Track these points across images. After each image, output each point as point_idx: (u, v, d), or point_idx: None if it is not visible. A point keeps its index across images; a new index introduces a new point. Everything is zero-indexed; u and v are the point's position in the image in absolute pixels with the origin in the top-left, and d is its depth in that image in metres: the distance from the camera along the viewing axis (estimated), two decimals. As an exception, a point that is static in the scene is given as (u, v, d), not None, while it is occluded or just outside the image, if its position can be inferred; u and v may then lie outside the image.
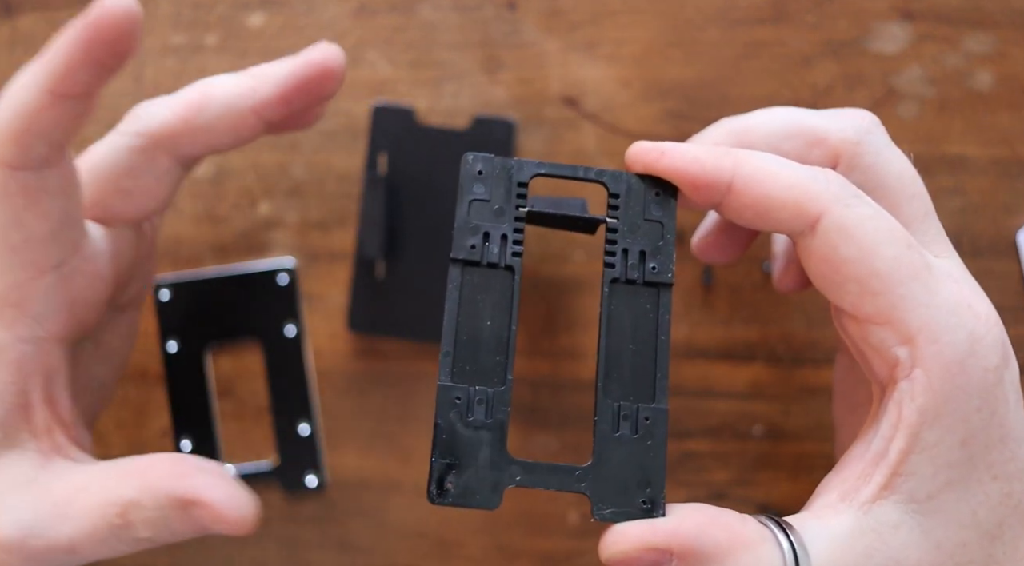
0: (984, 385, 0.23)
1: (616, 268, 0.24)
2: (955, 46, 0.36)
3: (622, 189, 0.25)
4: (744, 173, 0.24)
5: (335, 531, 0.36)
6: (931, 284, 0.23)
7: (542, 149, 0.36)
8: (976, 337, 0.23)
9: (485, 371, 0.23)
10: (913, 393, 0.23)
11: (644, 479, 0.23)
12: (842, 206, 0.23)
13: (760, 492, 0.35)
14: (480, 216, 0.24)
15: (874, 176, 0.26)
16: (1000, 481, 0.23)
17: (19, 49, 0.37)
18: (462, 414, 0.23)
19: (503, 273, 0.24)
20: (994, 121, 0.36)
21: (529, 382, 0.36)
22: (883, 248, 0.23)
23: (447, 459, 0.23)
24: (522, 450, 0.36)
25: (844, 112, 0.27)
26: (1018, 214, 0.35)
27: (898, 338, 0.23)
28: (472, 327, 0.24)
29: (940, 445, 0.23)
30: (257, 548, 0.36)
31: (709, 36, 0.36)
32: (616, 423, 0.23)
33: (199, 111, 0.27)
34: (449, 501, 0.23)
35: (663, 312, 0.24)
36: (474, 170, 0.24)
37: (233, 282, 0.36)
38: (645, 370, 0.24)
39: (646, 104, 0.36)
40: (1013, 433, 0.23)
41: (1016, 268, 0.35)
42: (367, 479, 0.36)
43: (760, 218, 0.24)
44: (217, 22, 0.37)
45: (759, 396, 0.35)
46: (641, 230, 0.24)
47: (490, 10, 0.37)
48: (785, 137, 0.26)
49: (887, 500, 0.23)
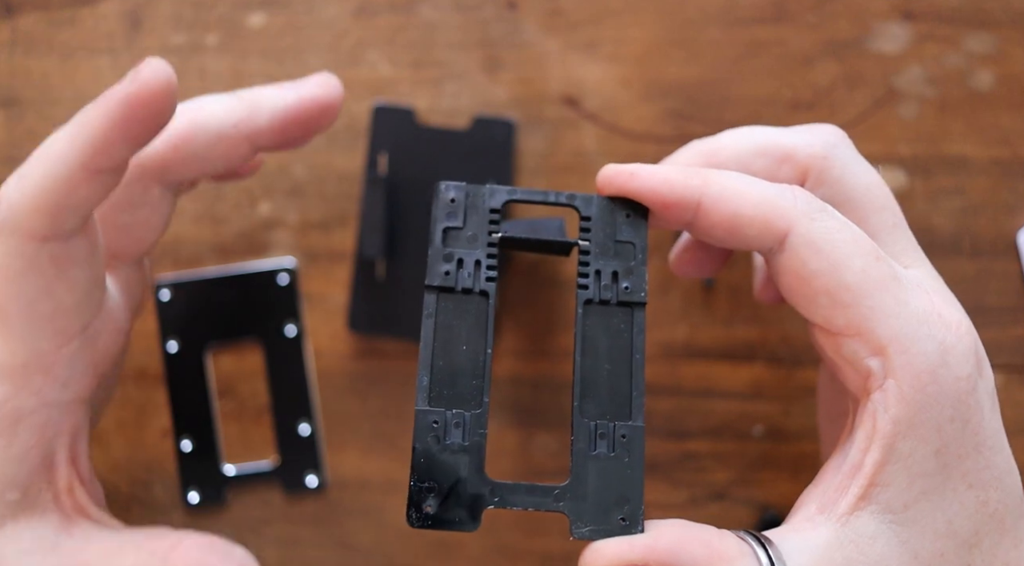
0: (957, 394, 0.23)
1: (589, 289, 0.25)
2: (956, 46, 0.36)
3: (593, 212, 0.25)
4: (712, 192, 0.24)
5: (335, 531, 0.36)
6: (900, 295, 0.23)
7: (542, 149, 0.36)
8: (947, 347, 0.23)
9: (462, 395, 0.24)
10: (886, 404, 0.23)
11: (622, 496, 0.23)
12: (809, 220, 0.23)
13: (760, 492, 0.35)
14: (454, 243, 0.25)
15: (842, 189, 0.26)
16: (975, 489, 0.23)
17: (19, 49, 0.37)
18: (439, 438, 0.23)
19: (477, 298, 0.24)
20: (995, 121, 0.36)
21: (529, 382, 0.36)
22: (851, 260, 0.23)
23: (425, 482, 0.23)
24: (522, 450, 0.36)
25: (811, 128, 0.27)
26: (1018, 214, 0.35)
27: (869, 350, 0.23)
28: (448, 352, 0.24)
29: (914, 455, 0.23)
30: (257, 548, 0.36)
31: (710, 36, 0.36)
32: (593, 442, 0.23)
33: (189, 139, 0.26)
34: (428, 524, 0.23)
35: (637, 331, 0.24)
36: (447, 198, 0.25)
37: (233, 282, 0.36)
38: (621, 389, 0.24)
39: (647, 104, 0.36)
40: (988, 441, 0.23)
41: (1016, 268, 0.35)
42: (367, 479, 0.36)
43: (730, 236, 0.24)
44: (217, 22, 0.37)
45: (759, 396, 0.36)
46: (613, 251, 0.25)
47: (490, 10, 0.37)
48: (755, 155, 0.26)
49: (864, 511, 0.23)
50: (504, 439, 0.36)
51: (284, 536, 0.36)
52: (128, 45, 0.37)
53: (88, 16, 0.37)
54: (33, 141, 0.37)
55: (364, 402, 0.36)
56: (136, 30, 0.37)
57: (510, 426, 0.36)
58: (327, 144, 0.36)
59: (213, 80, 0.37)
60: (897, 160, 0.36)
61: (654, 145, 0.36)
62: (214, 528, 0.36)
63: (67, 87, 0.37)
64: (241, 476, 0.35)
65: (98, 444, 0.36)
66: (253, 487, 0.36)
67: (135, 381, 0.36)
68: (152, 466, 0.36)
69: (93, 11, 0.37)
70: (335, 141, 0.36)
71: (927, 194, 0.36)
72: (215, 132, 0.26)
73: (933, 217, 0.35)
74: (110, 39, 0.37)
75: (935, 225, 0.35)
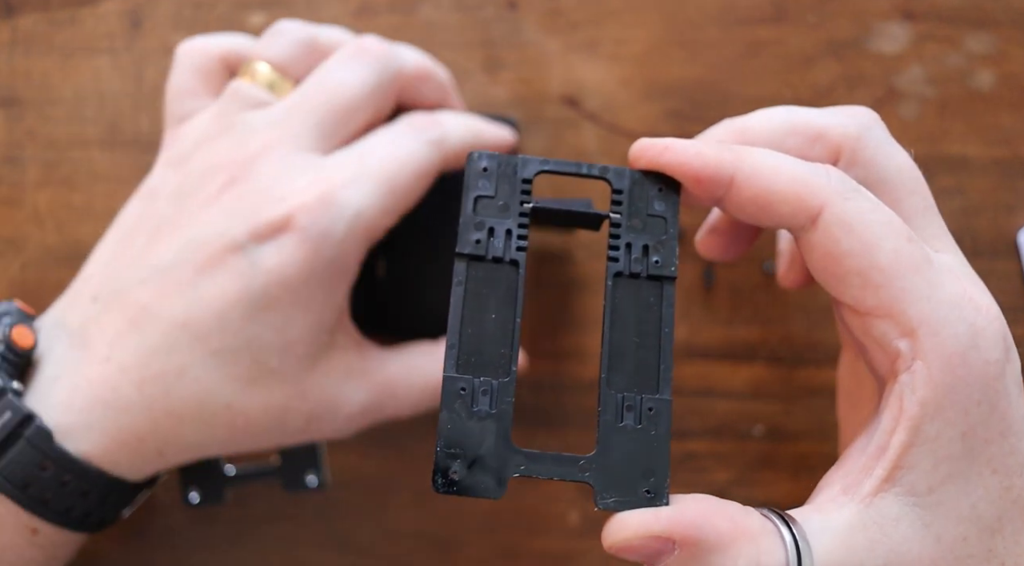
0: (985, 378, 0.23)
1: (620, 262, 0.24)
2: (956, 46, 0.36)
3: (625, 185, 0.25)
4: (746, 167, 0.24)
5: (335, 531, 0.36)
6: (932, 277, 0.23)
7: (543, 149, 0.36)
8: (977, 330, 0.23)
9: (490, 363, 0.24)
10: (914, 385, 0.23)
11: (648, 468, 0.23)
12: (843, 200, 0.23)
13: (761, 492, 0.35)
14: (485, 212, 0.24)
15: (875, 171, 0.26)
16: (1000, 475, 0.23)
17: (19, 49, 0.37)
18: (467, 405, 0.23)
19: (508, 267, 0.24)
20: (995, 121, 0.36)
21: (530, 382, 0.36)
22: (884, 241, 0.23)
23: (452, 449, 0.23)
24: (523, 450, 0.36)
25: (844, 109, 0.27)
26: (1019, 214, 0.35)
27: (899, 331, 0.23)
28: (477, 320, 0.24)
29: (941, 438, 0.23)
30: (258, 547, 0.36)
31: (710, 36, 0.36)
32: (620, 414, 0.23)
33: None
34: (454, 490, 0.23)
35: (667, 305, 0.24)
36: (479, 167, 0.25)
37: None
38: (649, 362, 0.24)
39: (647, 104, 0.36)
40: (1014, 427, 0.23)
41: (1017, 268, 0.35)
42: (367, 479, 0.36)
43: (762, 212, 0.24)
44: (217, 22, 0.37)
45: (760, 396, 0.36)
46: (644, 225, 0.25)
47: (491, 10, 0.37)
48: (786, 134, 0.26)
49: (888, 493, 0.23)
50: (504, 439, 0.36)
51: (285, 535, 0.36)
52: (128, 45, 0.37)
53: (88, 16, 0.37)
54: (33, 141, 0.37)
55: (364, 402, 0.36)
56: (136, 30, 0.37)
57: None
58: (327, 144, 0.36)
59: (213, 80, 0.37)
60: (897, 160, 0.36)
61: (654, 145, 0.36)
62: (215, 527, 0.36)
63: (67, 87, 0.37)
64: (241, 476, 0.35)
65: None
66: (254, 487, 0.36)
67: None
68: (152, 466, 0.37)
69: (93, 11, 0.37)
70: (335, 141, 0.36)
71: (927, 194, 0.36)
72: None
73: (933, 217, 0.35)
74: (110, 39, 0.37)
75: (935, 225, 0.35)
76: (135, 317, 0.28)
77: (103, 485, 0.28)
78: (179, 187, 0.30)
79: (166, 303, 0.28)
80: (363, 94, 0.30)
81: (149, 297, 0.28)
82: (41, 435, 0.27)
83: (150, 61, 0.37)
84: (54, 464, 0.27)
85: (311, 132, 0.30)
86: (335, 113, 0.30)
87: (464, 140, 0.32)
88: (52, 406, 0.28)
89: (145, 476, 0.30)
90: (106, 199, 0.37)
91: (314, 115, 0.30)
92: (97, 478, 0.28)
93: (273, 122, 0.30)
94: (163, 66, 0.37)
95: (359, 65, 0.31)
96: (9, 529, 0.28)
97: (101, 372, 0.28)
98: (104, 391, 0.28)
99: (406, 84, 0.32)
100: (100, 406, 0.28)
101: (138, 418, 0.28)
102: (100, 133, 0.37)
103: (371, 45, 0.31)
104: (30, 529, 0.28)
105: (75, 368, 0.28)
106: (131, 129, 0.37)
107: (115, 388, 0.28)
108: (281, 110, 0.30)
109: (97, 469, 0.28)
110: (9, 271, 0.37)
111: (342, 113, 0.30)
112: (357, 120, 0.31)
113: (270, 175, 0.29)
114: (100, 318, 0.29)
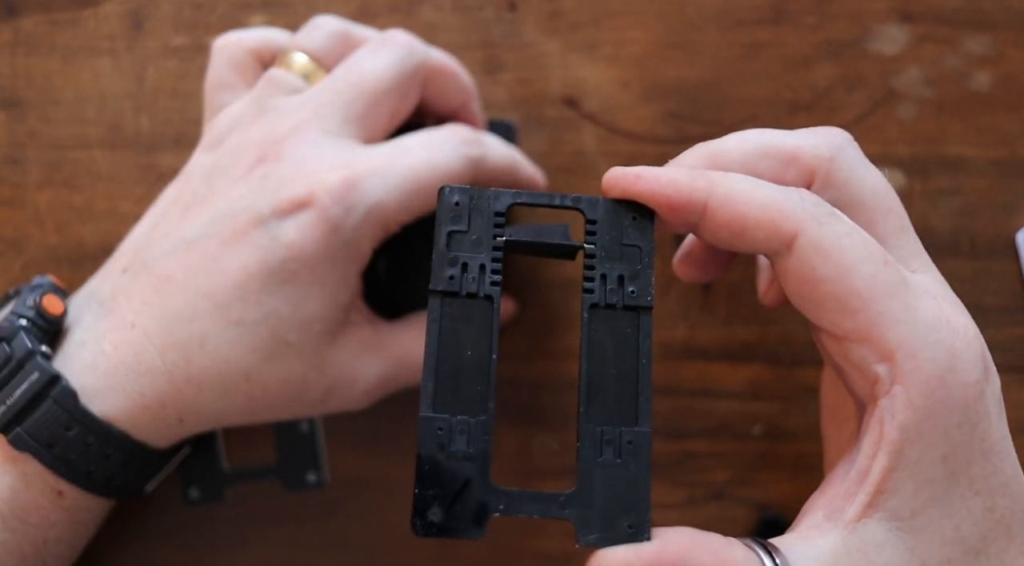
0: (965, 400, 0.23)
1: (595, 294, 0.24)
2: (954, 47, 0.36)
3: (599, 215, 0.25)
4: (718, 194, 0.24)
5: (336, 531, 0.36)
6: (909, 301, 0.23)
7: (543, 149, 0.36)
8: (955, 352, 0.23)
9: (467, 401, 0.23)
10: (893, 410, 0.23)
11: (628, 503, 0.23)
12: (817, 224, 0.23)
13: (759, 492, 0.36)
14: (458, 247, 0.24)
15: (849, 192, 0.26)
16: (983, 496, 0.23)
17: (21, 50, 0.37)
18: (444, 445, 0.23)
19: (482, 303, 0.24)
20: (993, 122, 0.36)
21: (529, 382, 0.36)
22: (860, 266, 0.23)
23: (430, 490, 0.23)
24: (522, 451, 0.36)
25: (817, 130, 0.27)
26: (1017, 214, 0.36)
27: (877, 355, 0.23)
28: (453, 357, 0.24)
29: (922, 462, 0.23)
30: (259, 547, 0.36)
31: (709, 37, 0.36)
32: (599, 448, 0.23)
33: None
34: (434, 532, 0.23)
35: (643, 336, 0.24)
36: (451, 201, 0.25)
37: None
38: (627, 394, 0.24)
39: (646, 105, 0.36)
40: (995, 447, 0.23)
41: (1014, 268, 0.35)
42: (368, 479, 0.36)
43: (736, 238, 0.24)
44: (218, 22, 0.37)
45: (758, 396, 0.36)
46: (619, 255, 0.25)
47: (491, 11, 0.37)
48: (760, 157, 0.26)
49: (871, 519, 0.23)
50: (504, 439, 0.36)
51: (285, 536, 0.36)
52: (129, 46, 0.37)
53: (90, 17, 0.37)
54: (35, 142, 0.37)
55: (364, 402, 0.36)
56: (138, 31, 0.37)
57: (510, 426, 0.36)
58: (328, 145, 0.37)
59: (214, 81, 0.37)
60: (896, 161, 0.36)
61: (654, 146, 0.36)
62: (216, 527, 0.36)
63: (69, 88, 0.37)
64: (240, 473, 0.36)
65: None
66: (253, 486, 0.36)
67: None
68: (153, 466, 0.37)
69: (95, 12, 0.37)
70: (336, 142, 0.37)
71: (926, 195, 0.36)
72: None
73: (932, 217, 0.36)
74: (111, 40, 0.37)
75: (934, 225, 0.35)
76: (160, 286, 0.29)
77: (125, 449, 0.29)
78: (213, 166, 0.31)
79: (191, 273, 0.29)
80: (388, 78, 0.31)
81: (175, 267, 0.29)
82: (67, 395, 0.28)
83: (151, 62, 0.37)
84: (79, 425, 0.28)
85: (338, 115, 0.30)
86: (362, 97, 0.31)
87: (500, 167, 0.32)
88: (78, 369, 0.29)
89: (166, 444, 0.31)
90: (107, 200, 0.37)
91: (342, 98, 0.31)
92: (120, 440, 0.29)
93: (303, 105, 0.31)
94: (164, 67, 0.37)
95: (385, 52, 0.32)
96: (35, 490, 0.29)
97: (126, 337, 0.29)
98: (128, 356, 0.29)
99: (431, 76, 0.33)
100: (123, 370, 0.29)
101: (159, 382, 0.29)
102: (101, 134, 0.37)
103: (398, 35, 0.32)
104: (56, 491, 0.29)
105: (101, 333, 0.29)
106: (132, 130, 0.37)
107: (138, 353, 0.29)
108: (311, 95, 0.31)
109: (120, 431, 0.29)
110: (10, 271, 0.37)
111: (368, 97, 0.31)
112: (385, 105, 0.31)
113: (298, 155, 0.30)
114: (128, 287, 0.30)
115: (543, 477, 0.36)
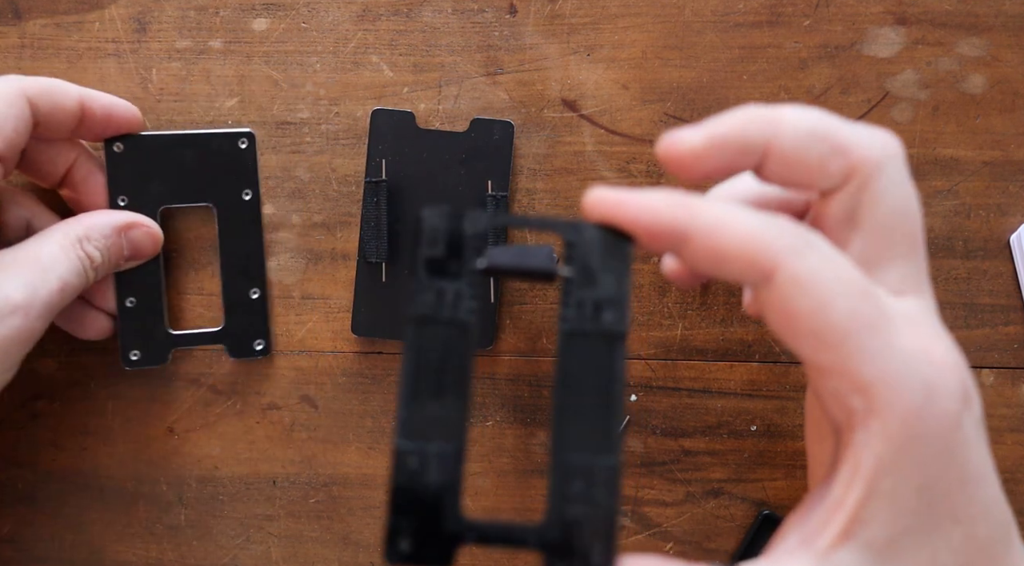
0: (941, 432, 0.23)
1: (570, 321, 0.24)
2: (948, 50, 0.36)
3: (577, 239, 0.24)
4: (699, 225, 0.23)
5: (338, 527, 0.36)
6: (886, 334, 0.23)
7: (542, 151, 0.37)
8: (932, 385, 0.23)
9: (441, 429, 0.23)
10: (869, 442, 0.23)
11: (597, 534, 0.23)
12: (796, 258, 0.23)
13: (756, 489, 0.36)
14: (435, 273, 0.24)
15: (878, 206, 0.25)
16: (963, 524, 0.23)
17: (27, 53, 0.38)
18: (418, 474, 0.23)
19: (458, 329, 0.24)
20: (987, 124, 0.36)
21: (529, 382, 0.36)
22: (838, 300, 0.23)
23: (402, 518, 0.23)
24: (522, 449, 0.36)
25: (875, 131, 0.26)
26: (1010, 216, 0.36)
27: (854, 389, 0.23)
28: (429, 385, 0.24)
29: (897, 492, 0.23)
30: (261, 544, 0.36)
31: (706, 40, 0.37)
32: (569, 479, 0.23)
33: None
34: (405, 561, 0.23)
35: (618, 363, 0.24)
36: (429, 226, 0.25)
37: (190, 141, 0.36)
38: (599, 424, 0.24)
39: (644, 106, 0.37)
40: (974, 475, 0.23)
41: (1008, 268, 0.36)
42: (369, 476, 0.37)
43: (716, 269, 0.24)
44: (222, 25, 0.37)
45: (755, 395, 0.36)
46: (597, 280, 0.24)
47: (491, 14, 0.37)
48: (812, 137, 0.25)
49: (845, 547, 0.23)
50: (504, 438, 0.36)
51: (287, 532, 0.36)
52: (134, 49, 0.37)
53: (95, 20, 0.37)
54: (40, 143, 0.37)
55: (366, 400, 0.37)
56: (142, 34, 0.37)
57: (510, 425, 0.36)
58: (329, 146, 0.37)
59: (218, 83, 0.37)
60: (891, 162, 0.36)
61: (651, 147, 0.36)
62: (217, 525, 0.36)
63: (74, 90, 0.38)
64: (186, 336, 0.35)
65: (103, 441, 0.37)
66: (199, 351, 0.36)
67: (140, 378, 0.37)
68: (157, 462, 0.37)
69: (100, 15, 0.37)
70: (337, 143, 0.37)
71: (921, 196, 0.36)
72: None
73: (927, 219, 0.36)
74: (116, 43, 0.37)
75: (929, 226, 0.36)
76: None
77: None
78: None
79: None
80: None
81: None
82: None
83: (155, 65, 0.37)
84: None
85: None
86: None
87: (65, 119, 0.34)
88: None
89: None
90: (112, 200, 0.37)
91: None
92: None
93: None
94: (168, 69, 0.37)
95: None
96: None
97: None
98: None
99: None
100: None
101: None
102: (106, 135, 0.38)
103: None
104: None
105: None
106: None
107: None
108: None
109: None
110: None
111: None
112: None
113: None
114: None
115: (543, 476, 0.36)
